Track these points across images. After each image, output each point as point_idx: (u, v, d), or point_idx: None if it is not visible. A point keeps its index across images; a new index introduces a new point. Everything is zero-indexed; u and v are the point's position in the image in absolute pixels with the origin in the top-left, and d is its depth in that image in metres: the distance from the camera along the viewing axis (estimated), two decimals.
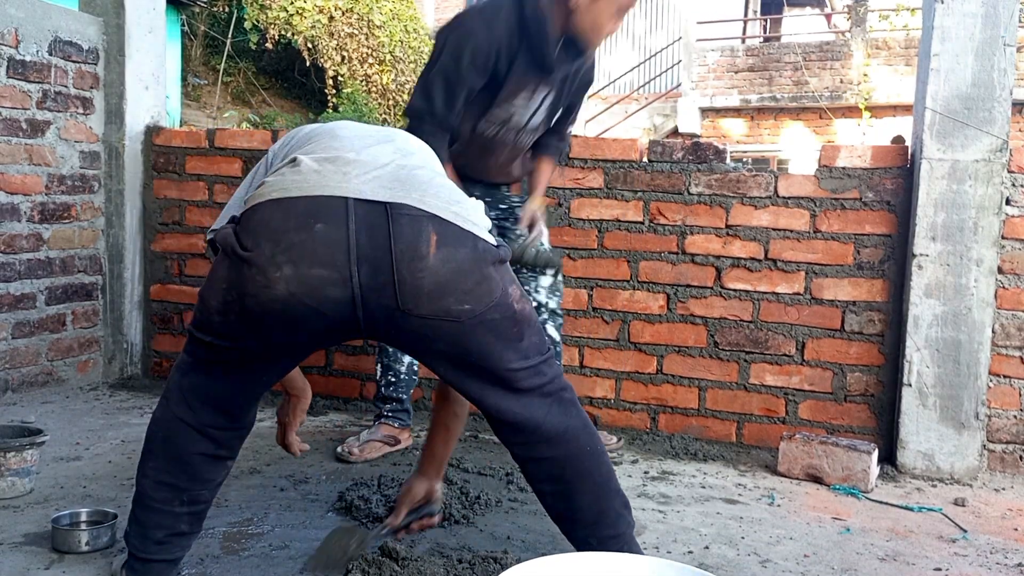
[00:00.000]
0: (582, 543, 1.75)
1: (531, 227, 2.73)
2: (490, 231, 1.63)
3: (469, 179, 2.73)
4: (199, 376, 1.64)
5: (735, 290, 3.04)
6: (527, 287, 2.88)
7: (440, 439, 1.98)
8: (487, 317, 1.56)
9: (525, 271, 2.82)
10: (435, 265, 1.49)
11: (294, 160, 1.54)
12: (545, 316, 2.88)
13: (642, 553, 1.85)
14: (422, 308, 1.50)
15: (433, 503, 2.00)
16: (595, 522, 1.74)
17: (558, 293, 2.92)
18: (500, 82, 2.54)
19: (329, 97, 12.42)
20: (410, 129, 2.42)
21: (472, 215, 1.58)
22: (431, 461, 1.98)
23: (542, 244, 2.75)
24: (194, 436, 1.64)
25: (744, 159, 10.93)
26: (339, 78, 12.77)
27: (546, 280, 2.88)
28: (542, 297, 2.88)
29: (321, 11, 12.60)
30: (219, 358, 1.62)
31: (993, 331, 2.82)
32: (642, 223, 3.13)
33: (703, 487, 2.64)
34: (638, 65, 14.17)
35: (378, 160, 1.56)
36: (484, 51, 2.47)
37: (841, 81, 12.26)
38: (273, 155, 1.79)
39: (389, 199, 1.48)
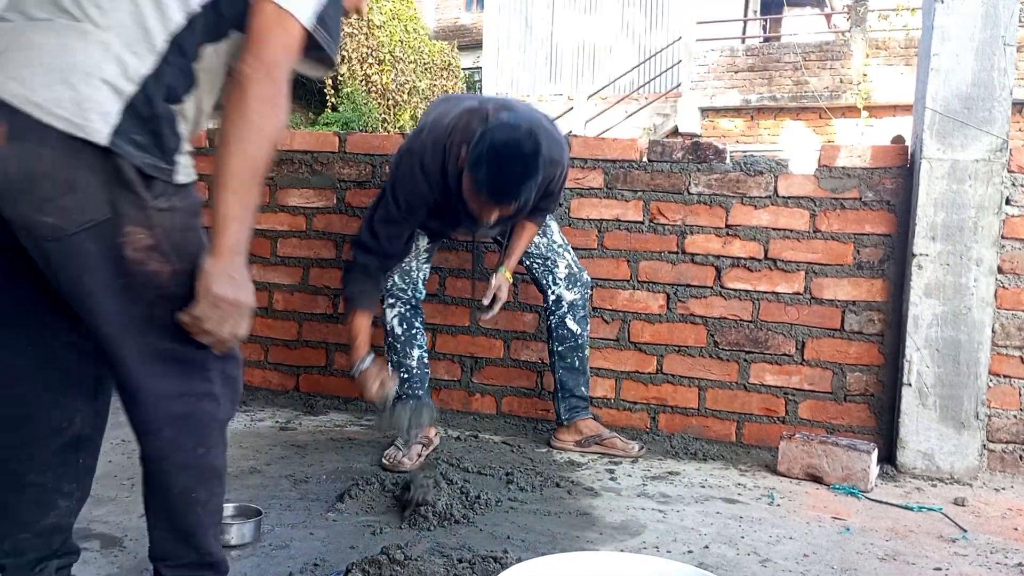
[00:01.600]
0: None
1: (493, 301, 2.77)
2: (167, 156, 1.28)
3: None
4: None
5: (735, 290, 3.05)
6: (544, 281, 2.87)
7: None
8: (80, 245, 1.21)
9: (536, 264, 2.86)
10: (5, 157, 1.18)
11: None
12: (564, 309, 2.87)
13: None
14: (6, 210, 1.21)
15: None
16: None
17: (578, 284, 2.88)
18: (451, 203, 2.56)
19: (328, 97, 12.42)
20: (354, 257, 2.63)
21: (69, 111, 1.19)
22: None
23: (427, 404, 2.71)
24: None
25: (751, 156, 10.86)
26: (338, 78, 12.76)
27: (561, 269, 2.87)
28: (561, 290, 2.86)
29: None
30: None
31: (993, 331, 2.82)
32: (642, 223, 3.13)
33: (703, 487, 2.64)
34: (638, 65, 14.15)
35: None
36: (420, 194, 2.56)
37: (841, 81, 12.26)
38: None
39: None
